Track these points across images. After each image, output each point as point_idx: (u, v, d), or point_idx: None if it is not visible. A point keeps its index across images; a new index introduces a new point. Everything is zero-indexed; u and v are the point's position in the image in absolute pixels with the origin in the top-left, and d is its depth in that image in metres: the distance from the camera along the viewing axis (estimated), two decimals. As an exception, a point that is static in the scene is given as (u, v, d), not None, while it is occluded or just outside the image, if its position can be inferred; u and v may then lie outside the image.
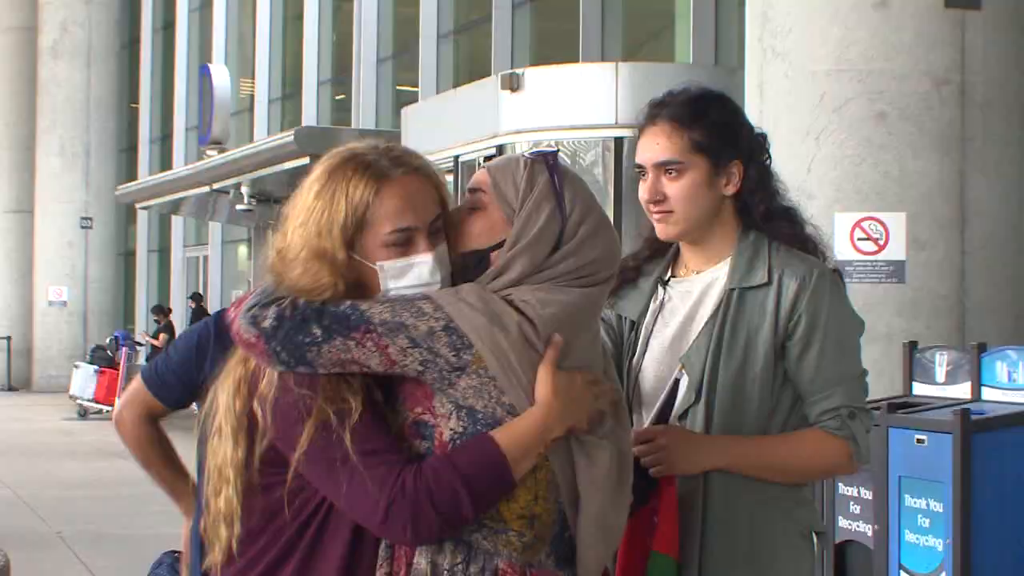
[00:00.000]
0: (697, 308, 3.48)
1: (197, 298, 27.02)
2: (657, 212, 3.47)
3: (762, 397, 3.40)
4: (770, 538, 3.41)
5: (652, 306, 3.58)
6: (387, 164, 2.88)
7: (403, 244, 2.85)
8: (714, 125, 3.47)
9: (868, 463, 3.56)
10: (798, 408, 3.44)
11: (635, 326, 3.59)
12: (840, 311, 3.44)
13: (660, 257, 3.64)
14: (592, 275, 2.90)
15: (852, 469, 3.51)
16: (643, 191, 3.49)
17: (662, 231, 3.50)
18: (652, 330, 3.54)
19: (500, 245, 2.89)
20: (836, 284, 3.47)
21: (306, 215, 2.87)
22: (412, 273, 2.86)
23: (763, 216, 3.50)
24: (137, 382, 4.32)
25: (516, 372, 2.77)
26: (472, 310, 2.76)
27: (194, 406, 4.19)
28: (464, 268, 2.91)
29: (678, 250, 3.63)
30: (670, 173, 3.45)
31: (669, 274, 3.62)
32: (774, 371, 3.40)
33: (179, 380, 4.22)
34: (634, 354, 3.57)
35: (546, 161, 2.94)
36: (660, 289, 3.59)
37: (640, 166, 3.51)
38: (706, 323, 3.44)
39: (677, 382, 3.46)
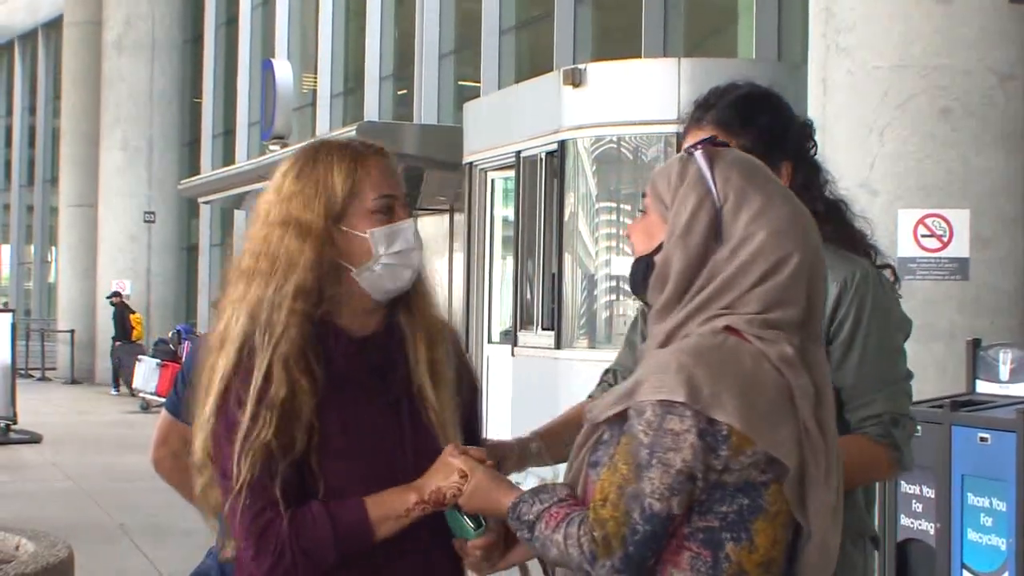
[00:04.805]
0: None
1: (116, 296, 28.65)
2: None
3: None
4: None
5: None
6: (359, 146, 3.13)
7: (386, 211, 3.07)
8: (763, 131, 3.36)
9: (911, 470, 3.44)
10: (842, 413, 3.27)
11: None
12: (883, 313, 3.32)
13: None
14: (782, 260, 2.67)
15: (892, 476, 3.39)
16: None
17: None
18: None
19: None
20: (880, 285, 3.36)
21: (289, 196, 3.04)
22: (400, 238, 3.08)
23: None
24: (162, 416, 4.25)
25: (769, 421, 2.61)
26: (707, 383, 2.57)
27: None
28: (635, 276, 2.82)
29: None
30: None
31: None
32: None
33: None
34: None
35: (697, 151, 2.79)
36: None
37: None
38: None
39: None
